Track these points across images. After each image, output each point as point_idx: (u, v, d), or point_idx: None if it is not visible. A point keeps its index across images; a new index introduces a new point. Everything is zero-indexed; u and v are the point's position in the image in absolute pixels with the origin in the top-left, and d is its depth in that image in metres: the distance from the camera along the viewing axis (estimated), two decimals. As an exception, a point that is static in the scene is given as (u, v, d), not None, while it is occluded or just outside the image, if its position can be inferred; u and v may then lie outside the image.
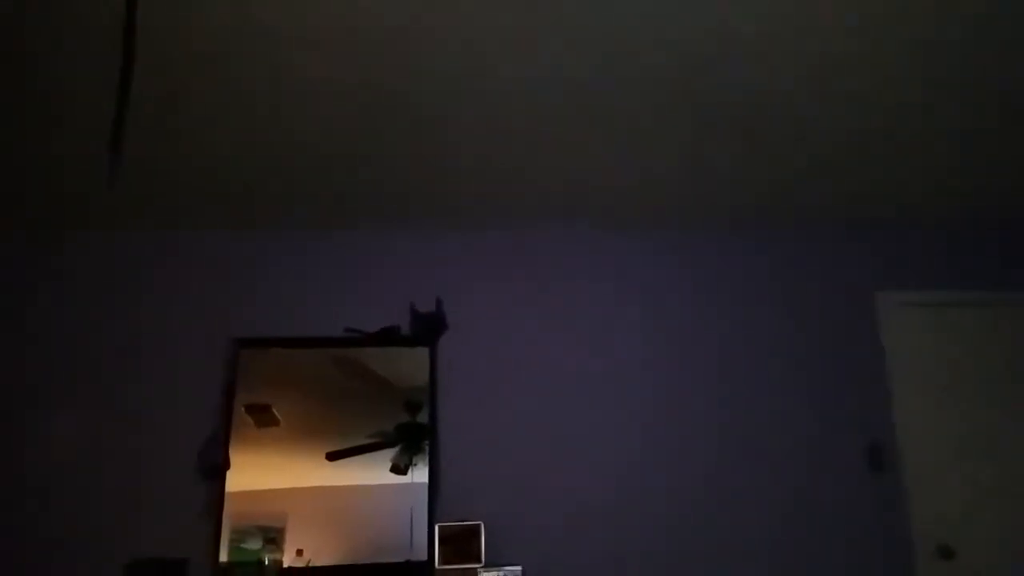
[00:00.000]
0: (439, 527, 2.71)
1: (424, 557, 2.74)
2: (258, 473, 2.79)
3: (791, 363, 3.18)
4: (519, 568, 2.61)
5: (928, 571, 2.97)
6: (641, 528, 2.92)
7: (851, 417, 3.13)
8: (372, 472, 2.85)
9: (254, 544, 2.68)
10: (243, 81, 2.11)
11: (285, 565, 2.65)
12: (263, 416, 2.84)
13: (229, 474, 2.77)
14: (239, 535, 2.70)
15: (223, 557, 2.65)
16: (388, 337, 2.97)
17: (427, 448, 2.88)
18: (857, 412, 3.13)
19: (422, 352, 2.99)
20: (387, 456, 2.87)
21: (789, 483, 3.02)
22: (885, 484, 3.06)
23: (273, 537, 2.70)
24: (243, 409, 2.84)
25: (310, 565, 2.67)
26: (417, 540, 2.78)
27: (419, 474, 2.86)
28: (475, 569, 2.63)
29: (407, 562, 2.73)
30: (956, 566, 3.00)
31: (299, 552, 2.69)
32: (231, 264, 3.05)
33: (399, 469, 2.86)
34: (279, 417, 2.85)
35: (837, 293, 3.29)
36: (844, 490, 3.03)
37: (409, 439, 2.89)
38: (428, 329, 2.98)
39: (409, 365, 2.98)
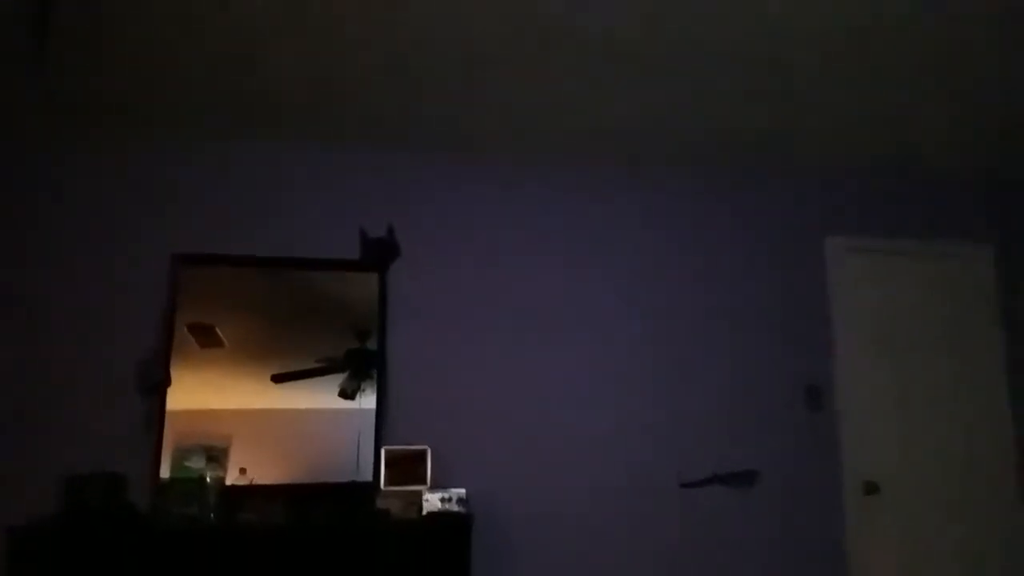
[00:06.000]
0: (385, 450, 2.73)
1: (370, 479, 2.76)
2: (201, 393, 2.75)
3: (740, 301, 3.24)
4: (464, 490, 2.65)
5: (853, 503, 3.13)
6: (584, 456, 2.99)
7: (794, 357, 3.22)
8: (319, 396, 2.84)
9: (197, 462, 2.66)
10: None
11: (227, 483, 2.64)
12: (207, 336, 2.79)
13: (171, 393, 2.72)
14: (182, 453, 2.67)
15: (164, 474, 2.63)
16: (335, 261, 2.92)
17: (375, 375, 2.88)
18: (800, 352, 3.23)
19: (372, 277, 2.95)
20: (335, 381, 2.86)
21: (732, 417, 3.12)
22: (821, 423, 3.18)
23: (216, 456, 2.68)
24: (186, 328, 2.78)
25: (253, 483, 2.67)
26: (363, 463, 2.80)
27: (367, 400, 2.86)
28: (420, 491, 2.66)
29: (352, 483, 2.75)
30: (879, 500, 3.17)
31: (242, 471, 2.68)
32: (176, 176, 2.93)
33: (347, 394, 2.85)
34: (223, 339, 2.80)
35: (789, 236, 3.35)
36: (783, 427, 3.15)
37: (357, 365, 2.88)
38: (378, 255, 2.94)
39: (359, 290, 2.94)
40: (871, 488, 3.16)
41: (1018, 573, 3.21)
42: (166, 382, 2.71)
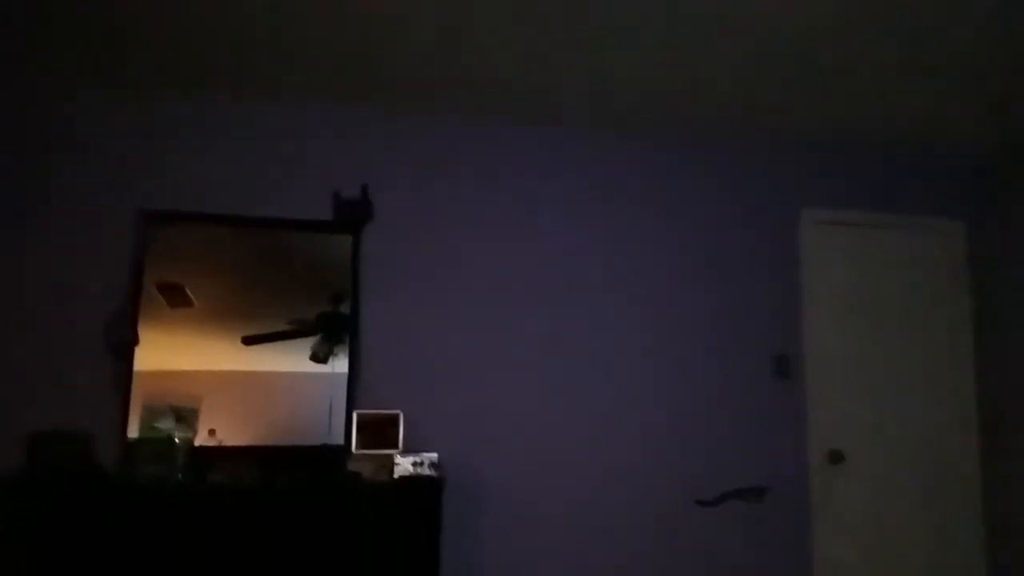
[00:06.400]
0: (357, 414, 2.73)
1: (341, 442, 2.76)
2: (171, 353, 2.71)
3: (714, 269, 3.26)
4: (435, 455, 2.66)
5: (818, 471, 3.20)
6: (555, 422, 3.01)
7: (764, 325, 3.26)
8: (291, 359, 2.81)
9: (165, 423, 2.63)
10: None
11: (196, 444, 2.62)
12: (176, 296, 2.74)
13: (140, 353, 2.68)
14: (150, 413, 2.64)
15: (133, 434, 2.60)
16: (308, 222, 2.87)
17: (348, 338, 2.85)
18: (770, 322, 3.27)
19: (345, 239, 2.91)
20: (307, 344, 2.83)
21: (699, 383, 3.16)
22: (788, 391, 3.23)
23: (185, 416, 2.66)
24: (154, 287, 2.72)
25: (222, 445, 2.65)
26: (335, 427, 2.79)
27: (339, 364, 2.85)
28: (392, 455, 2.67)
29: (323, 446, 2.75)
30: (843, 468, 3.25)
31: (211, 432, 2.66)
32: (146, 133, 2.84)
33: (319, 358, 2.83)
34: (193, 298, 2.75)
35: (765, 206, 3.35)
36: (751, 394, 3.20)
37: (330, 328, 2.85)
38: (352, 216, 2.89)
39: (332, 253, 2.90)
40: (836, 457, 3.23)
41: (980, 543, 3.32)
42: (134, 341, 2.66)
